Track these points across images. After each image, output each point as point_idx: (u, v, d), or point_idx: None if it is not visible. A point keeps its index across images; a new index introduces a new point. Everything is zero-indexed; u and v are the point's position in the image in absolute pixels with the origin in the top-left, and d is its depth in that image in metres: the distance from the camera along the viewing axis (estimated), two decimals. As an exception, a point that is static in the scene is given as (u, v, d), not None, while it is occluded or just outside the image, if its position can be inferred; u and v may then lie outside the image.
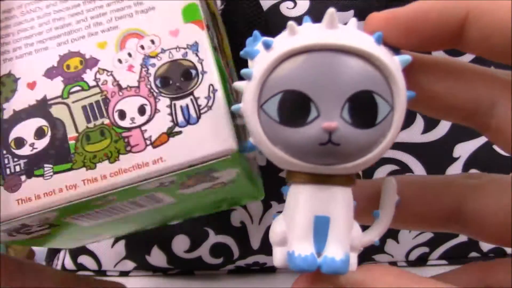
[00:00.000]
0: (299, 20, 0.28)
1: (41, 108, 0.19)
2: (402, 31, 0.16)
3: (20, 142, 0.19)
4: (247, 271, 0.35)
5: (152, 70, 0.19)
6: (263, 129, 0.16)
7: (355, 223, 0.17)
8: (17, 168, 0.19)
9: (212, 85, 0.19)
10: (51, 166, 0.19)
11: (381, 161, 0.31)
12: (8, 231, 0.20)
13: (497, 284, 0.19)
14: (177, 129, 0.19)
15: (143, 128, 0.19)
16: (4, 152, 0.19)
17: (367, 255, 0.35)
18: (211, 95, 0.19)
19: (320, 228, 0.16)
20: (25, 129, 0.19)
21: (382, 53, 0.15)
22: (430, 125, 0.32)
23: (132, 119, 0.19)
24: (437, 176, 0.21)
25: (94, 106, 0.19)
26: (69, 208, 0.19)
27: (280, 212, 0.17)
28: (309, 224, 0.16)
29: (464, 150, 0.32)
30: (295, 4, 0.30)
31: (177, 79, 0.19)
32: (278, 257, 0.17)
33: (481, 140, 0.32)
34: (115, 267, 0.33)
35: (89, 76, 0.20)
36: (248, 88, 0.16)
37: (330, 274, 0.15)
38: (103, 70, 0.20)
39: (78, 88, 0.19)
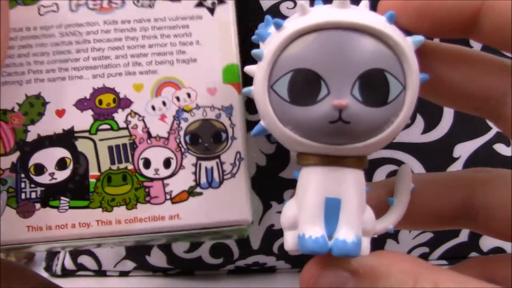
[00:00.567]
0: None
1: (67, 138, 0.19)
2: (414, 15, 0.16)
3: (40, 169, 0.19)
4: (247, 271, 0.35)
5: (183, 125, 0.20)
6: (274, 110, 0.15)
7: (368, 208, 0.16)
8: (33, 195, 0.19)
9: (239, 152, 0.20)
10: (67, 200, 0.19)
11: (381, 161, 0.31)
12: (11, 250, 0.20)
13: (498, 280, 0.19)
14: (198, 189, 0.19)
15: (165, 181, 0.19)
16: (22, 175, 0.19)
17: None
18: (237, 162, 0.19)
19: (331, 211, 0.15)
20: (47, 157, 0.19)
21: (394, 32, 0.15)
22: (430, 125, 0.32)
23: (156, 170, 0.19)
24: (444, 173, 0.21)
25: (121, 148, 0.19)
26: (78, 243, 0.19)
27: (279, 212, 0.18)
28: (320, 206, 0.15)
29: (464, 150, 0.32)
30: (295, 4, 0.29)
31: (206, 139, 0.20)
32: (289, 241, 0.16)
33: (481, 140, 0.32)
34: (115, 267, 0.33)
35: (120, 117, 0.20)
36: (259, 69, 0.16)
37: (342, 257, 0.15)
38: (135, 113, 0.20)
39: (107, 126, 0.20)
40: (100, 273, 0.34)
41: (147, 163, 0.19)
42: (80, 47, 0.20)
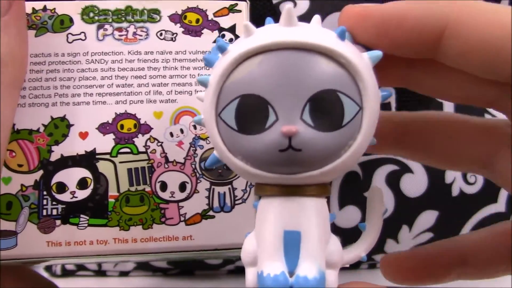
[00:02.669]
0: (299, 20, 0.29)
1: (89, 160, 0.21)
2: (374, 31, 0.16)
3: (61, 187, 0.20)
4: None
5: (199, 151, 0.21)
6: (223, 140, 0.15)
7: (333, 237, 0.15)
8: (54, 212, 0.20)
9: (250, 179, 0.21)
10: (87, 217, 0.20)
11: (381, 161, 0.32)
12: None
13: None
14: (211, 213, 0.21)
15: (180, 204, 0.21)
16: (45, 193, 0.20)
17: (366, 255, 0.36)
18: (248, 189, 0.21)
19: (291, 244, 0.14)
20: (69, 176, 0.21)
21: (345, 49, 0.14)
22: None
23: (172, 193, 0.21)
24: (478, 119, 0.20)
25: (139, 171, 0.21)
26: (94, 259, 0.21)
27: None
28: (278, 240, 0.14)
29: None
30: (295, 4, 0.31)
31: (220, 166, 0.21)
32: (249, 278, 0.15)
33: None
34: (115, 267, 0.34)
35: (140, 141, 0.21)
36: (206, 96, 0.15)
37: None
38: (154, 139, 0.21)
39: (127, 150, 0.21)
40: (100, 273, 0.34)
41: (163, 186, 0.21)
42: (105, 74, 0.21)
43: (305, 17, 0.29)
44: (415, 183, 0.33)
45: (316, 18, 0.15)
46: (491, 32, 0.14)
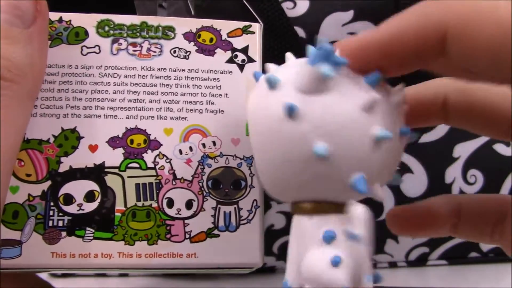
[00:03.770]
0: (299, 20, 0.29)
1: (97, 173, 0.21)
2: (379, 57, 0.16)
3: (69, 199, 0.21)
4: (247, 271, 0.36)
5: (207, 170, 0.21)
6: None
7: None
8: (60, 223, 0.20)
9: (256, 200, 0.21)
10: (92, 230, 0.20)
11: None
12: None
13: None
14: (216, 231, 0.21)
15: (186, 221, 0.21)
16: (51, 204, 0.20)
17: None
18: (253, 210, 0.21)
19: None
20: (77, 188, 0.21)
21: None
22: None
23: (179, 210, 0.21)
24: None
25: (147, 187, 0.21)
26: (98, 272, 0.21)
27: (279, 212, 0.18)
28: None
29: (464, 150, 0.33)
30: (295, 4, 0.31)
31: (227, 185, 0.21)
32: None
33: (481, 140, 0.33)
34: None
35: (149, 157, 0.21)
36: None
37: None
38: (163, 155, 0.21)
39: (136, 165, 0.21)
40: (100, 273, 0.34)
41: (170, 203, 0.21)
42: (117, 88, 0.21)
43: (305, 17, 0.30)
44: (415, 183, 0.33)
45: (289, 56, 0.18)
46: (491, 33, 0.14)
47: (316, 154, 0.16)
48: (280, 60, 0.18)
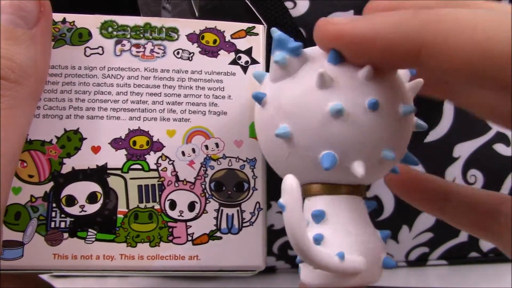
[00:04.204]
0: (299, 19, 0.30)
1: (100, 174, 0.21)
2: (353, 51, 0.16)
3: (71, 201, 0.21)
4: (247, 271, 0.36)
5: (209, 172, 0.21)
6: None
7: None
8: (62, 225, 0.20)
9: (258, 202, 0.21)
10: (95, 232, 0.20)
11: None
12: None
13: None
14: (218, 234, 0.21)
15: (188, 223, 0.21)
16: (54, 205, 0.20)
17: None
18: (256, 212, 0.21)
19: None
20: (79, 189, 0.21)
21: None
22: (430, 125, 0.32)
23: (181, 212, 0.21)
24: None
25: (150, 188, 0.21)
26: (100, 274, 0.21)
27: (279, 212, 0.19)
28: None
29: (464, 150, 0.33)
30: (295, 4, 0.31)
31: (230, 187, 0.21)
32: None
33: (481, 140, 0.33)
34: None
35: (151, 159, 0.21)
36: None
37: None
38: (166, 157, 0.21)
39: (138, 166, 0.21)
40: None
41: (173, 205, 0.21)
42: (120, 89, 0.21)
43: (305, 17, 0.30)
44: None
45: None
46: (468, 55, 0.14)
47: (279, 136, 0.17)
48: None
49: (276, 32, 0.17)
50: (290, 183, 0.16)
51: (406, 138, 0.18)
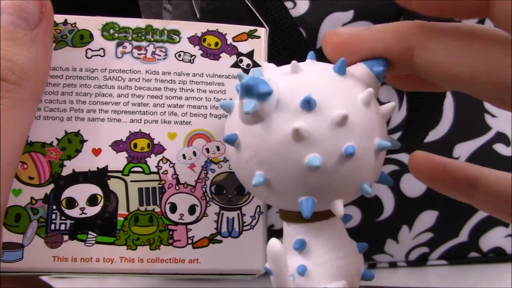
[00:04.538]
0: (299, 20, 0.30)
1: (100, 177, 0.21)
2: (350, 59, 0.18)
3: (71, 203, 0.20)
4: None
5: (210, 175, 0.21)
6: None
7: None
8: (62, 227, 0.20)
9: (259, 206, 0.21)
10: (95, 234, 0.20)
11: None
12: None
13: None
14: (218, 237, 0.21)
15: (189, 226, 0.21)
16: (54, 207, 0.20)
17: (366, 255, 0.36)
18: (257, 216, 0.21)
19: None
20: (80, 192, 0.21)
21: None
22: (430, 125, 0.32)
23: (181, 215, 0.21)
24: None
25: (150, 191, 0.21)
26: (100, 276, 0.21)
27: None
28: None
29: (464, 150, 0.33)
30: (295, 4, 0.31)
31: (230, 191, 0.21)
32: None
33: (481, 140, 0.33)
34: None
35: (152, 161, 0.21)
36: None
37: None
38: (167, 160, 0.21)
39: (139, 169, 0.21)
40: None
41: (173, 208, 0.21)
42: (122, 92, 0.21)
43: (305, 17, 0.30)
44: (415, 183, 0.33)
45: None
46: (450, 62, 0.16)
47: (256, 185, 0.16)
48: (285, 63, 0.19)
49: (243, 77, 0.16)
50: (274, 251, 0.17)
51: (381, 166, 0.18)
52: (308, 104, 0.16)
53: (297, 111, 0.16)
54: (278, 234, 0.33)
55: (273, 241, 0.17)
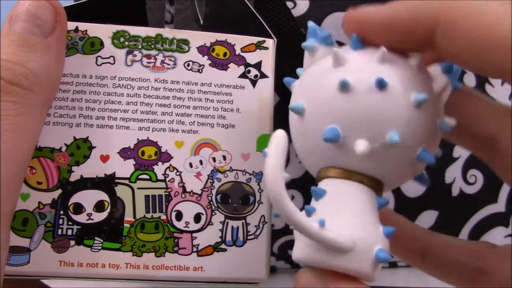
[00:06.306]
0: (299, 20, 0.30)
1: (108, 183, 0.21)
2: (375, 33, 0.17)
3: (78, 208, 0.21)
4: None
5: (216, 184, 0.22)
6: None
7: None
8: (69, 232, 0.21)
9: (264, 216, 0.22)
10: (101, 240, 0.21)
11: None
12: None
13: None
14: (223, 246, 0.21)
15: (194, 234, 0.21)
16: (61, 212, 0.21)
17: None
18: (261, 225, 0.21)
19: None
20: (87, 197, 0.21)
21: None
22: None
23: (187, 223, 0.21)
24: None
25: (157, 199, 0.21)
26: (105, 282, 0.21)
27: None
28: None
29: (464, 150, 0.32)
30: (295, 4, 0.31)
31: (236, 200, 0.21)
32: None
33: None
34: None
35: (159, 169, 0.21)
36: None
37: None
38: (174, 168, 0.21)
39: (146, 176, 0.21)
40: None
41: (179, 216, 0.21)
42: (130, 99, 0.22)
43: (305, 17, 0.30)
44: (415, 183, 0.33)
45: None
46: (477, 35, 0.15)
47: (293, 109, 0.18)
48: (292, 74, 0.20)
49: (311, 23, 0.19)
50: (278, 135, 0.16)
51: (420, 130, 0.17)
52: (357, 42, 0.18)
53: (346, 50, 0.18)
54: (278, 234, 0.33)
55: (281, 130, 0.16)
